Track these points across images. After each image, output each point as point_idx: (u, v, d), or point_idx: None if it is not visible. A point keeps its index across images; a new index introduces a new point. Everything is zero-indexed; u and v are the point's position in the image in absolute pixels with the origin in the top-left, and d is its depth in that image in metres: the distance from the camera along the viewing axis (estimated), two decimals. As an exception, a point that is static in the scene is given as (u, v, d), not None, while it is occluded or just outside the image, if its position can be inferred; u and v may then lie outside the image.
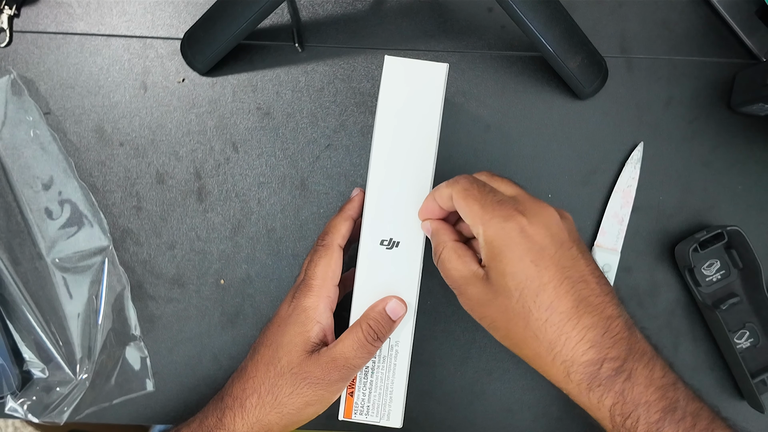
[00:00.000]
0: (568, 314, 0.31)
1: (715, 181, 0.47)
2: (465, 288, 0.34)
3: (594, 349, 0.31)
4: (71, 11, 0.47)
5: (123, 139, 0.47)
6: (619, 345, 0.31)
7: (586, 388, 0.31)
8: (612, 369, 0.31)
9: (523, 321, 0.32)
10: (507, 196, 0.34)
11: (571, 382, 0.31)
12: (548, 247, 0.32)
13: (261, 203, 0.47)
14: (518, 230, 0.32)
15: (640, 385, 0.31)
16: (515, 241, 0.31)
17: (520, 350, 0.33)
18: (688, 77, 0.48)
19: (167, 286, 0.47)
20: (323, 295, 0.37)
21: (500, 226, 0.32)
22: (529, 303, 0.31)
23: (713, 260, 0.46)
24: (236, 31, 0.43)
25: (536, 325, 0.31)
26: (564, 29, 0.43)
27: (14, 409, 0.45)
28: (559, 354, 0.31)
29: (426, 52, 0.48)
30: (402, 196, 0.37)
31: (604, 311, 0.31)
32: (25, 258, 0.46)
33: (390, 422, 0.37)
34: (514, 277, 0.31)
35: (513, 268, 0.31)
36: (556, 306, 0.31)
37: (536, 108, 0.47)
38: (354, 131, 0.47)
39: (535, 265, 0.31)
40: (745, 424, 0.46)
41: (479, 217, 0.32)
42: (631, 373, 0.31)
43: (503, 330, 0.33)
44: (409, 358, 0.38)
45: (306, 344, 0.36)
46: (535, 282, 0.31)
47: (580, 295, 0.31)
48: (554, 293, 0.31)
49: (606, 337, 0.31)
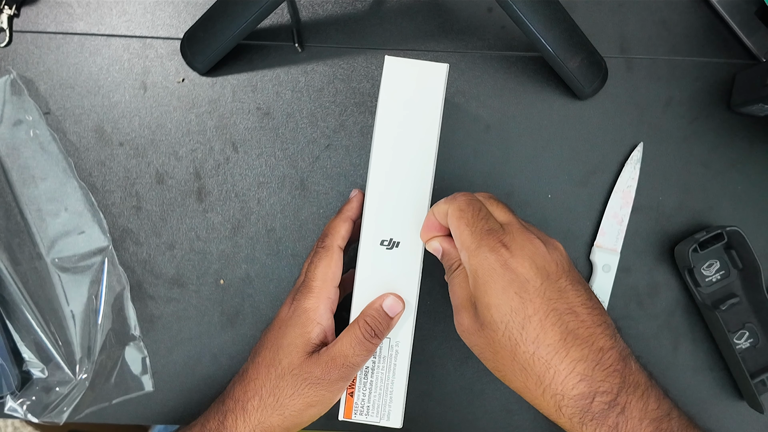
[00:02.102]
0: (555, 347, 0.30)
1: (715, 181, 0.47)
2: (457, 313, 0.34)
3: (584, 382, 0.30)
4: (71, 11, 0.47)
5: (123, 139, 0.47)
6: (611, 378, 0.30)
7: (579, 422, 0.30)
8: (604, 403, 0.30)
9: (509, 354, 0.31)
10: (498, 224, 0.33)
11: (563, 416, 0.31)
12: (532, 279, 0.31)
13: (261, 203, 0.47)
14: (501, 263, 0.31)
15: (634, 418, 0.30)
16: (498, 273, 0.31)
17: (509, 382, 0.33)
18: (688, 77, 0.48)
19: (167, 286, 0.47)
20: (323, 297, 0.37)
21: (484, 257, 0.32)
22: (515, 336, 0.31)
23: (713, 261, 0.46)
24: (236, 31, 0.43)
25: (523, 358, 0.31)
26: (564, 29, 0.43)
27: (14, 409, 0.45)
28: (548, 387, 0.31)
29: (426, 52, 0.48)
30: (402, 196, 0.37)
31: (595, 343, 0.31)
32: (24, 258, 0.46)
33: (390, 422, 0.37)
34: (499, 309, 0.31)
35: (497, 300, 0.31)
36: (542, 339, 0.30)
37: (536, 108, 0.47)
38: (354, 131, 0.47)
39: (519, 297, 0.31)
40: (745, 424, 0.46)
41: (466, 244, 0.32)
42: (625, 407, 0.30)
43: (491, 361, 0.33)
44: (410, 359, 0.38)
45: (307, 345, 0.36)
46: (520, 314, 0.31)
47: (567, 328, 0.31)
48: (540, 326, 0.31)
49: (597, 369, 0.30)
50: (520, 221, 0.34)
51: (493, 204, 0.35)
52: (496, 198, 0.36)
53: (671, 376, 0.46)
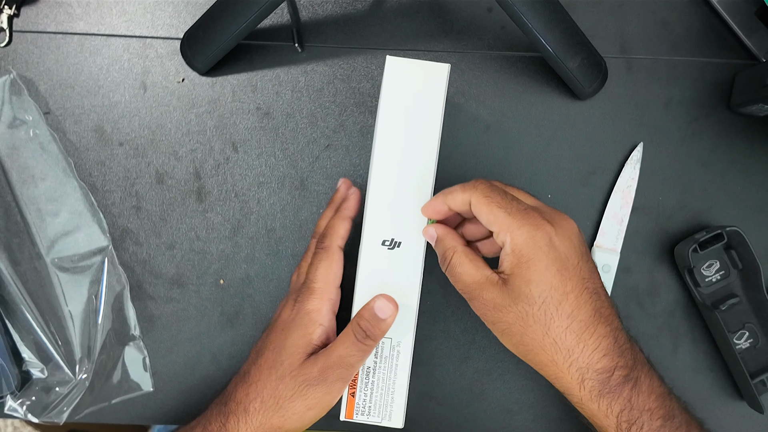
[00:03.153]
0: (587, 323, 0.32)
1: (715, 181, 0.47)
2: (479, 293, 0.34)
3: (607, 357, 0.32)
4: (71, 11, 0.47)
5: (122, 139, 0.47)
6: (626, 354, 0.33)
7: (597, 394, 0.32)
8: (621, 377, 0.32)
9: (543, 328, 0.33)
10: (529, 204, 0.34)
11: (584, 388, 0.32)
12: (571, 257, 0.33)
13: (260, 203, 0.47)
14: (547, 240, 0.33)
15: (644, 393, 0.32)
16: (543, 251, 0.33)
17: (534, 356, 0.34)
18: (688, 77, 0.48)
19: (167, 286, 0.47)
20: (325, 298, 0.37)
21: (530, 235, 0.33)
22: (552, 310, 0.32)
23: (713, 261, 0.46)
24: (236, 31, 0.43)
25: (557, 332, 0.32)
26: (564, 29, 0.43)
27: (13, 409, 0.45)
28: (576, 361, 0.32)
29: (426, 53, 0.48)
30: (404, 196, 0.37)
31: (613, 322, 0.33)
32: (24, 258, 0.46)
33: (391, 422, 0.37)
34: (539, 285, 0.32)
35: (539, 277, 0.32)
36: (576, 314, 0.32)
37: (536, 108, 0.47)
38: (354, 131, 0.47)
39: (560, 275, 0.33)
40: (745, 424, 0.46)
41: (506, 225, 0.33)
42: (636, 381, 0.33)
43: (518, 336, 0.34)
44: (411, 359, 0.38)
45: (308, 347, 0.36)
46: (559, 291, 0.32)
47: (595, 306, 0.33)
48: (575, 302, 0.32)
49: (616, 346, 0.33)
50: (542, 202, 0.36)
51: (512, 189, 0.37)
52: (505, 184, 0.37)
53: (671, 376, 0.46)
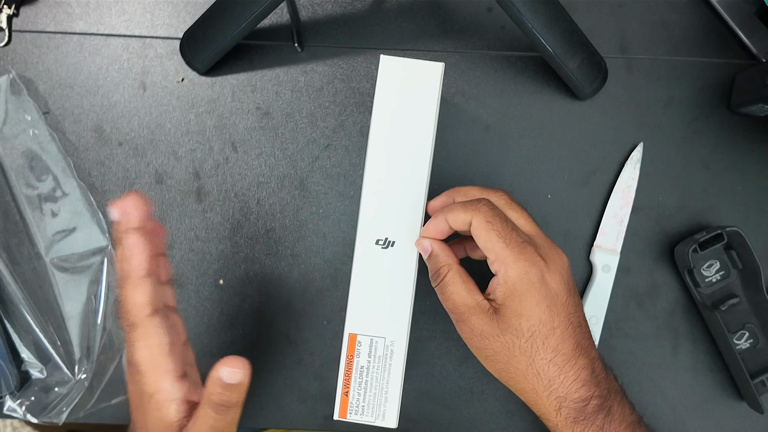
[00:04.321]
0: (569, 356, 0.34)
1: (715, 181, 0.47)
2: (468, 317, 0.35)
3: (585, 387, 0.34)
4: (70, 11, 0.47)
5: (122, 139, 0.47)
6: (601, 384, 0.34)
7: (573, 421, 0.34)
8: (596, 405, 0.34)
9: (527, 359, 0.34)
10: (527, 235, 0.35)
11: (560, 415, 0.34)
12: (561, 294, 0.34)
13: (260, 203, 0.47)
14: (540, 276, 0.33)
15: (616, 420, 0.34)
16: (536, 287, 0.33)
17: (516, 383, 0.35)
18: (688, 78, 0.47)
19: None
20: (160, 375, 0.32)
21: (525, 271, 0.33)
22: (538, 344, 0.34)
23: (713, 261, 0.46)
24: (235, 31, 0.43)
25: (540, 364, 0.34)
26: (563, 29, 0.43)
27: (13, 409, 0.45)
28: (555, 390, 0.34)
29: (425, 53, 0.47)
30: (398, 195, 0.37)
31: (591, 353, 0.35)
32: (23, 258, 0.46)
33: (385, 422, 0.37)
34: (529, 319, 0.33)
35: (530, 312, 0.33)
36: (560, 348, 0.34)
37: (536, 108, 0.47)
38: (353, 131, 0.47)
39: (549, 311, 0.34)
40: (745, 424, 0.46)
41: (503, 256, 0.34)
42: (610, 409, 0.34)
43: (502, 363, 0.35)
44: (405, 358, 0.37)
45: (172, 427, 0.33)
46: (547, 326, 0.34)
47: (577, 339, 0.34)
48: (561, 337, 0.34)
49: (593, 377, 0.34)
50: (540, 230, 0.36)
51: (515, 208, 0.37)
52: (510, 198, 0.37)
53: (671, 376, 0.46)
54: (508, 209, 0.36)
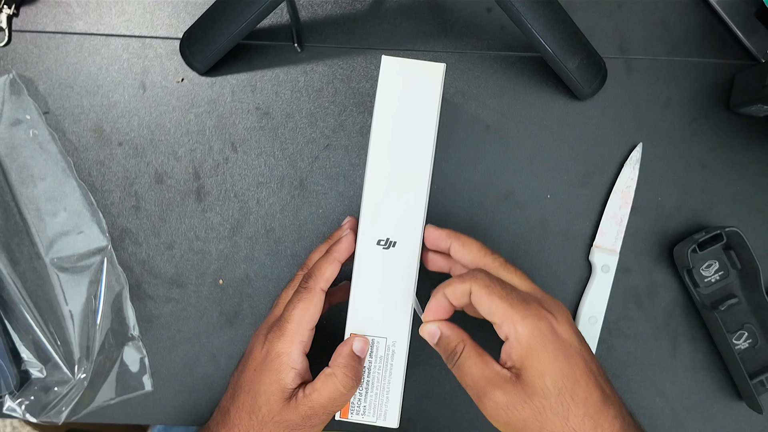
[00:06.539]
0: (599, 407, 0.32)
1: (714, 182, 0.47)
2: (490, 390, 0.33)
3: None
4: (70, 11, 0.47)
5: (122, 139, 0.47)
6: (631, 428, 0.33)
7: None
8: None
9: (562, 419, 0.32)
10: (526, 293, 0.34)
11: None
12: (574, 343, 0.33)
13: (260, 203, 0.47)
14: (550, 329, 0.33)
15: None
16: (550, 340, 0.32)
17: None
18: (687, 78, 0.48)
19: (166, 286, 0.47)
20: (297, 341, 0.36)
21: (535, 326, 0.32)
22: (568, 400, 0.32)
23: (712, 261, 0.46)
24: (235, 31, 0.43)
25: (575, 420, 0.32)
26: (563, 30, 0.43)
27: (12, 408, 0.45)
28: None
29: (425, 53, 0.48)
30: (399, 195, 0.37)
31: (617, 400, 0.33)
32: (23, 258, 0.46)
33: (386, 422, 0.37)
34: (553, 376, 0.32)
35: (551, 368, 0.32)
36: (589, 400, 0.32)
37: (535, 108, 0.47)
38: (353, 131, 0.47)
39: (568, 362, 0.32)
40: (744, 424, 0.46)
41: (509, 317, 0.33)
42: None
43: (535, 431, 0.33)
44: (406, 358, 0.37)
45: (283, 392, 0.36)
46: (570, 379, 0.32)
47: (601, 387, 0.33)
48: (586, 388, 0.32)
49: (625, 424, 0.32)
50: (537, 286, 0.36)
51: (509, 271, 0.36)
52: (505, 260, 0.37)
53: (670, 376, 0.46)
54: (502, 271, 0.36)
